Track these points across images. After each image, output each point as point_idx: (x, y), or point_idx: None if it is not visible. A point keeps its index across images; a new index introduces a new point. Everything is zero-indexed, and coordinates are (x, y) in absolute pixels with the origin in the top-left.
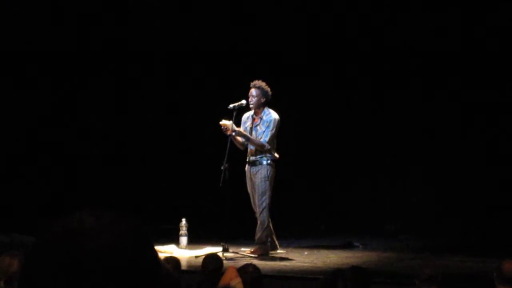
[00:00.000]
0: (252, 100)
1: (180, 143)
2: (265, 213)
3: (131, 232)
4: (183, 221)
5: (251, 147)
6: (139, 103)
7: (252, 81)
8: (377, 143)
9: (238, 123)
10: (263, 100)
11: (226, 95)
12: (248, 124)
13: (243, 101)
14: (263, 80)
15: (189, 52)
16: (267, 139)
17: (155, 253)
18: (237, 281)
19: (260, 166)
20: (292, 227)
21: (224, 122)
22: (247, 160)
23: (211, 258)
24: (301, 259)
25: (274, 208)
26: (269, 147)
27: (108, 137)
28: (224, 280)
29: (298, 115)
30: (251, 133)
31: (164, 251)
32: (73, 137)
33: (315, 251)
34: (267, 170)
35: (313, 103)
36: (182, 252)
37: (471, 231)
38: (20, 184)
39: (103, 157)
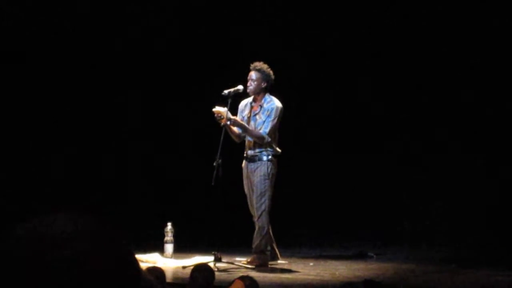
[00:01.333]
0: (251, 85)
1: (164, 138)
2: (264, 217)
3: (109, 239)
4: (169, 225)
5: (249, 140)
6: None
7: (252, 63)
8: (391, 132)
9: (234, 112)
10: (264, 85)
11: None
12: (246, 112)
13: (240, 87)
14: (264, 62)
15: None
16: (267, 130)
17: (135, 262)
18: None
19: (259, 162)
20: (295, 234)
21: (218, 109)
22: (244, 155)
23: (201, 269)
24: (305, 271)
25: (274, 211)
26: (269, 139)
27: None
28: None
29: (299, 103)
30: (249, 123)
31: (147, 260)
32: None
33: (322, 262)
34: (268, 167)
35: (318, 91)
36: (167, 261)
37: (501, 242)
38: None
39: (78, 156)
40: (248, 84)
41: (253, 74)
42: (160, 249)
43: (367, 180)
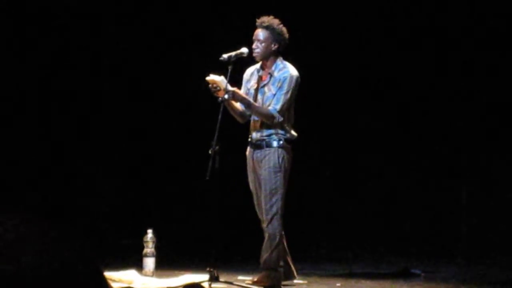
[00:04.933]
0: (258, 47)
1: (142, 117)
2: (276, 223)
3: (67, 251)
4: (149, 233)
5: (254, 119)
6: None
7: (259, 18)
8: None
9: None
10: (274, 47)
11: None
12: (253, 83)
13: (244, 50)
14: (275, 17)
15: None
16: (278, 106)
17: (104, 282)
18: None
19: (267, 149)
20: (317, 245)
21: (213, 77)
22: (249, 139)
23: None
24: None
25: (289, 215)
26: (281, 119)
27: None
28: None
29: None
30: (255, 97)
31: (120, 279)
32: None
33: (353, 282)
34: (278, 156)
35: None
36: (147, 281)
37: None
38: None
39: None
40: (254, 46)
41: (260, 33)
42: (138, 264)
43: (412, 178)
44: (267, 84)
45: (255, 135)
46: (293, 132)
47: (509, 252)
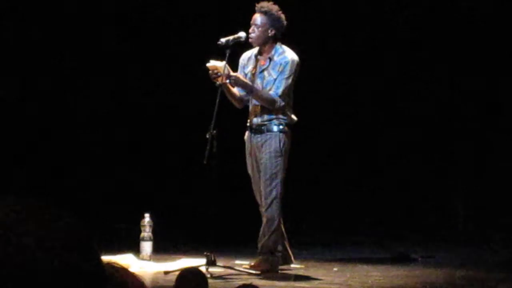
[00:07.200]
0: (254, 32)
1: (138, 102)
2: (275, 207)
3: (61, 233)
4: (146, 217)
5: (254, 104)
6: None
7: (258, 2)
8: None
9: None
10: (271, 32)
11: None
12: (250, 68)
13: (241, 34)
14: (274, 3)
15: None
16: (279, 91)
17: (101, 266)
18: None
19: (268, 134)
20: (314, 230)
21: (213, 63)
22: (248, 124)
23: (189, 276)
24: (328, 278)
25: (287, 199)
26: (282, 103)
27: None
28: None
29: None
30: (254, 81)
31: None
32: None
33: (350, 267)
34: (279, 141)
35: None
36: (144, 265)
37: None
38: None
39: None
40: (251, 30)
41: (257, 18)
42: (135, 248)
43: (409, 161)
44: (267, 68)
45: (255, 120)
46: (293, 117)
47: (506, 235)
